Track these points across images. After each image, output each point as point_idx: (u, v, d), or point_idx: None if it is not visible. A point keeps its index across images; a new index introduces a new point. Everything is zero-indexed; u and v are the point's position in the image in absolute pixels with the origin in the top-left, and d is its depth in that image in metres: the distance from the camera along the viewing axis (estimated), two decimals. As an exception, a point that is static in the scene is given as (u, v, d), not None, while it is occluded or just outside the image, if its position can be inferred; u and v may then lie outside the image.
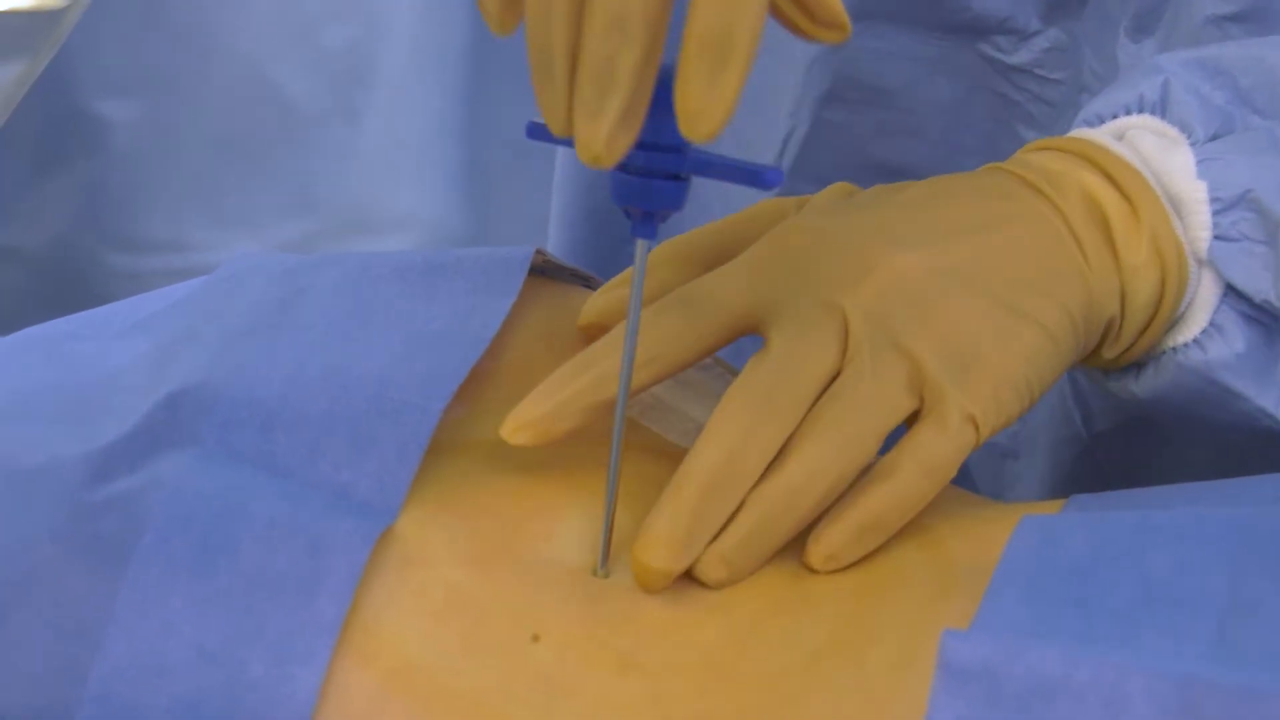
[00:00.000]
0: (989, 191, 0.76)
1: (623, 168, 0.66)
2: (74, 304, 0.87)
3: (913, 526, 0.70)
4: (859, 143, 0.97)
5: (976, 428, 0.70)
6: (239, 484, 0.66)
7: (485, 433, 0.70)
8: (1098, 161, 0.76)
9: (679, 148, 0.65)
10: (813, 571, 0.69)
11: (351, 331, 0.71)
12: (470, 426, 0.71)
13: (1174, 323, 0.77)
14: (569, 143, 0.64)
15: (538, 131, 0.67)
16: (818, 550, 0.68)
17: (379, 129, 1.52)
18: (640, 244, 0.67)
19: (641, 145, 0.64)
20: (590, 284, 0.78)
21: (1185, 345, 0.77)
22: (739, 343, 0.73)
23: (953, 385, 0.70)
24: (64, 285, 1.51)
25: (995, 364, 0.71)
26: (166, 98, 1.48)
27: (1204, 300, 0.76)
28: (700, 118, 0.60)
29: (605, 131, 0.61)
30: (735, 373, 0.75)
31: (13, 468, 0.68)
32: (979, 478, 0.98)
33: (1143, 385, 0.78)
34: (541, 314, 0.74)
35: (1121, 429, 0.89)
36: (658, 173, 0.65)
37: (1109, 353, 0.77)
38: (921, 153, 0.96)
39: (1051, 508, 0.70)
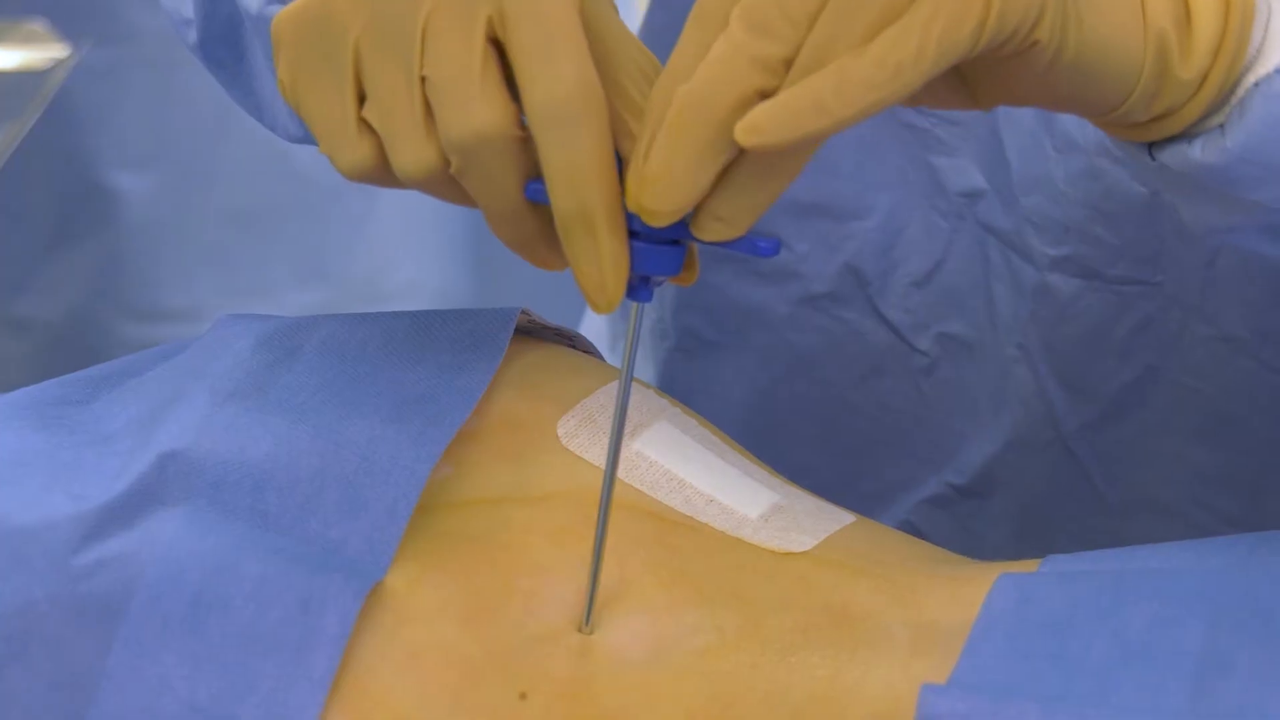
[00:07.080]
0: None
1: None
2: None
3: (890, 584, 0.70)
4: None
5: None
6: (230, 542, 0.67)
7: (472, 491, 0.71)
8: None
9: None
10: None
11: (339, 392, 0.72)
12: (458, 485, 0.71)
13: (1246, 63, 0.67)
14: None
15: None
16: (740, 123, 0.61)
17: (393, 200, 1.53)
18: (635, 307, 0.68)
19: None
20: (574, 343, 0.79)
21: (1270, 75, 0.66)
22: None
23: None
24: (79, 356, 1.51)
25: None
26: (182, 170, 1.49)
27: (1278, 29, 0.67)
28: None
29: (604, 277, 0.65)
30: (719, 434, 0.76)
31: (7, 528, 0.69)
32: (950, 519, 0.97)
33: (1224, 142, 0.66)
34: (527, 373, 0.75)
35: (1100, 421, 0.88)
36: (654, 238, 0.67)
37: (1155, 105, 0.67)
38: (834, 189, 0.93)
39: (1028, 566, 0.71)
